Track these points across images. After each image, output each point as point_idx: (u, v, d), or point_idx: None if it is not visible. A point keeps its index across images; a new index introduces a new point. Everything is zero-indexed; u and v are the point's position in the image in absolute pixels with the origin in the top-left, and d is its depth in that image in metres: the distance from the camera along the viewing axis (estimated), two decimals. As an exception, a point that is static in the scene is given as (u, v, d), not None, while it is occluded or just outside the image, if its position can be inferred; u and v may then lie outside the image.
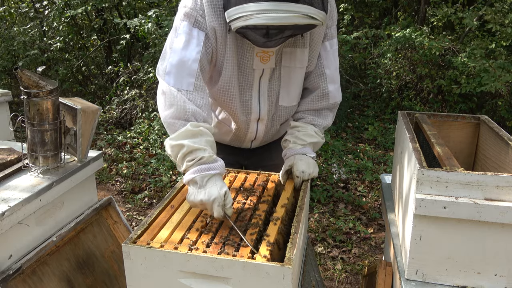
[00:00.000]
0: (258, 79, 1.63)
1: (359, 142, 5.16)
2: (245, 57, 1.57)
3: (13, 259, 1.45)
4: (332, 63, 1.69)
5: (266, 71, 1.62)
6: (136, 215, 3.71)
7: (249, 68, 1.59)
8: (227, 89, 1.62)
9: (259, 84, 1.64)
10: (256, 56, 1.57)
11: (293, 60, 1.61)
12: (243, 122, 1.71)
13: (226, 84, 1.60)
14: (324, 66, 1.67)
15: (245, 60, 1.57)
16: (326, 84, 1.68)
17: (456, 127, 1.84)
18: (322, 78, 1.68)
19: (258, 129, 1.75)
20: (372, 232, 3.40)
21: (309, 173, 1.58)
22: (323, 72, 1.68)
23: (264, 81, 1.64)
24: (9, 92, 2.85)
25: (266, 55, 1.57)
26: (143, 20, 4.99)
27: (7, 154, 1.69)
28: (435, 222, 1.21)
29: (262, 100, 1.67)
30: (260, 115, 1.69)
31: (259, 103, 1.67)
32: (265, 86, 1.65)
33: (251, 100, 1.66)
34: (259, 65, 1.59)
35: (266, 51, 1.56)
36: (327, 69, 1.68)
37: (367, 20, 5.92)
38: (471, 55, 4.70)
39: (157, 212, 1.35)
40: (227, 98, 1.64)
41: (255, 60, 1.57)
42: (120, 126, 5.70)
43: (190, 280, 1.16)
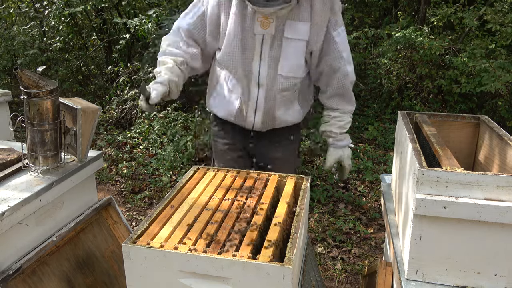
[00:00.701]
0: (260, 45, 1.81)
1: (359, 142, 5.15)
2: (247, 21, 1.78)
3: (13, 259, 1.45)
4: (346, 47, 1.92)
5: (267, 37, 1.80)
6: (136, 215, 3.71)
7: (250, 33, 1.80)
8: (230, 51, 1.84)
9: (261, 49, 1.82)
10: (257, 21, 1.77)
11: (295, 32, 1.79)
12: (246, 86, 1.89)
13: (228, 46, 1.83)
14: (341, 50, 1.88)
15: (247, 24, 1.79)
16: (345, 65, 1.91)
17: (456, 127, 1.84)
18: (342, 61, 1.90)
19: (258, 96, 1.90)
20: (372, 232, 3.40)
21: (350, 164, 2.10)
22: (342, 56, 1.89)
23: (266, 48, 1.81)
24: (9, 92, 2.86)
25: (266, 21, 1.76)
26: (143, 20, 4.99)
27: (7, 154, 1.69)
28: (435, 222, 1.21)
29: (263, 65, 1.84)
30: (259, 79, 1.86)
31: (259, 67, 1.85)
32: (266, 53, 1.82)
33: (252, 63, 1.85)
34: (259, 30, 1.79)
35: (266, 17, 1.75)
36: (344, 53, 1.90)
37: (367, 20, 5.92)
38: (471, 55, 4.70)
39: (157, 212, 1.35)
40: (230, 60, 1.85)
41: (256, 25, 1.78)
42: (120, 126, 5.70)
43: (190, 280, 1.16)
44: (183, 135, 4.70)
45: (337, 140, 2.04)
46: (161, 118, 5.14)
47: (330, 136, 2.04)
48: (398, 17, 6.32)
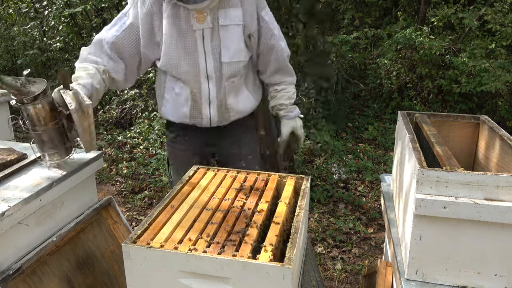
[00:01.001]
0: (202, 40, 1.86)
1: (359, 142, 5.15)
2: (182, 21, 1.83)
3: (13, 259, 1.45)
4: (275, 25, 2.02)
5: (206, 31, 1.86)
6: (136, 215, 3.71)
7: (189, 31, 1.84)
8: (172, 53, 1.86)
9: (203, 44, 1.87)
10: (192, 18, 1.82)
11: (228, 18, 1.87)
12: (196, 82, 1.92)
13: (170, 48, 1.86)
14: (271, 28, 1.99)
15: (184, 24, 1.83)
16: (278, 41, 2.02)
17: (456, 127, 1.84)
18: (274, 38, 2.00)
19: (210, 89, 1.94)
20: (372, 232, 3.40)
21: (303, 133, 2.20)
22: (273, 33, 2.00)
23: (207, 41, 1.87)
24: (9, 92, 2.85)
25: (202, 15, 1.82)
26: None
27: (7, 154, 1.69)
28: (435, 222, 1.21)
29: (208, 59, 1.89)
30: (207, 71, 1.90)
31: (205, 62, 1.89)
32: (208, 46, 1.88)
33: (198, 59, 1.88)
34: (197, 26, 1.84)
35: (201, 12, 1.81)
36: (275, 30, 2.00)
37: (367, 20, 5.92)
38: (471, 55, 4.70)
39: (157, 212, 1.35)
40: (174, 60, 1.87)
41: (193, 21, 1.83)
42: (120, 126, 5.70)
43: (190, 280, 1.16)
44: (183, 135, 4.69)
45: (288, 111, 2.14)
46: (161, 118, 5.14)
47: (281, 108, 2.14)
48: (398, 17, 6.32)
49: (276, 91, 2.13)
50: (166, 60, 1.89)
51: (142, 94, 5.61)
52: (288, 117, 2.15)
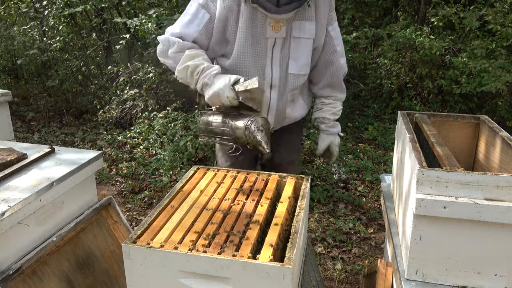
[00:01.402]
0: (271, 48, 1.84)
1: (359, 142, 5.15)
2: (258, 26, 1.79)
3: (13, 259, 1.45)
4: (340, 41, 2.00)
5: (278, 40, 1.82)
6: (136, 215, 3.71)
7: (262, 37, 1.81)
8: (241, 57, 1.84)
9: (272, 52, 1.85)
10: (268, 26, 1.79)
11: (302, 31, 1.83)
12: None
13: (240, 52, 1.83)
14: (335, 44, 1.96)
15: (259, 30, 1.79)
16: (338, 59, 2.00)
17: (456, 127, 1.84)
18: (335, 54, 1.98)
19: (271, 97, 1.92)
20: (372, 232, 3.40)
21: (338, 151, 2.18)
22: (336, 50, 1.98)
23: (277, 50, 1.85)
24: (9, 92, 2.86)
25: (278, 24, 1.79)
26: (143, 20, 4.99)
27: (7, 154, 1.69)
28: (435, 222, 1.21)
29: (274, 68, 1.87)
30: (272, 80, 1.89)
31: (271, 70, 1.88)
32: (277, 55, 1.85)
33: (265, 67, 1.87)
34: (271, 34, 1.81)
35: (278, 21, 1.78)
36: (338, 47, 1.98)
37: (367, 20, 5.91)
38: (471, 55, 4.70)
39: (157, 212, 1.35)
40: (242, 65, 1.85)
41: (268, 29, 1.79)
42: (120, 126, 5.70)
43: (190, 280, 1.16)
44: (183, 135, 4.69)
45: (330, 126, 2.12)
46: (161, 118, 5.14)
47: (323, 122, 2.12)
48: (398, 17, 6.32)
49: (323, 103, 2.11)
50: (235, 62, 1.86)
51: (142, 94, 5.60)
52: (328, 132, 2.13)
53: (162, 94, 5.64)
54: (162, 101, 5.62)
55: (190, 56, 1.78)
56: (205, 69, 1.74)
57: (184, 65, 1.77)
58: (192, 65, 1.76)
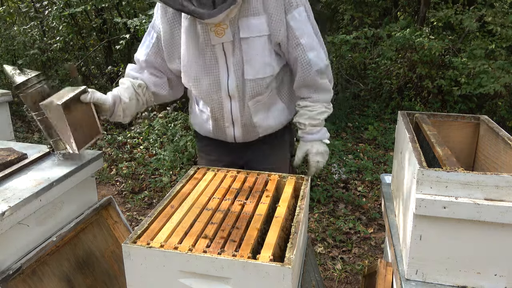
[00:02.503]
0: (223, 55, 1.67)
1: (359, 142, 5.15)
2: (200, 35, 1.65)
3: (13, 259, 1.45)
4: (305, 31, 1.69)
5: (227, 45, 1.65)
6: (136, 215, 3.71)
7: (208, 46, 1.66)
8: (191, 69, 1.72)
9: (225, 60, 1.68)
10: (210, 32, 1.63)
11: (249, 29, 1.62)
12: (216, 102, 1.76)
13: (190, 64, 1.71)
14: (297, 36, 1.68)
15: (202, 38, 1.65)
16: (304, 53, 1.70)
17: (456, 127, 1.84)
18: (299, 49, 1.70)
19: (232, 108, 1.77)
20: (372, 232, 3.40)
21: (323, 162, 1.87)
22: (299, 43, 1.69)
23: (229, 56, 1.67)
24: (9, 92, 2.85)
25: (220, 28, 1.61)
26: (143, 20, 4.99)
27: (7, 154, 1.69)
28: (435, 222, 1.21)
29: (230, 75, 1.70)
30: (229, 90, 1.72)
31: (227, 78, 1.70)
32: (230, 61, 1.68)
33: (219, 76, 1.71)
34: (216, 40, 1.64)
35: (219, 24, 1.60)
36: (301, 39, 1.68)
37: (367, 20, 5.92)
38: (471, 55, 4.70)
39: (157, 212, 1.35)
40: (193, 77, 1.73)
41: (211, 35, 1.63)
42: (120, 126, 5.70)
43: (190, 280, 1.16)
44: (183, 135, 4.70)
45: (306, 132, 1.85)
46: (161, 118, 5.14)
47: (299, 127, 1.86)
48: (398, 17, 6.32)
49: (299, 106, 1.85)
50: (185, 77, 1.76)
51: (142, 94, 5.60)
52: (304, 139, 1.87)
53: (162, 94, 5.63)
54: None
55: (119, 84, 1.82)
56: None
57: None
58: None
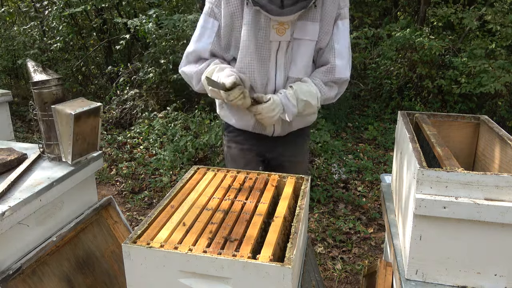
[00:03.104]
0: (275, 52, 1.74)
1: (359, 142, 5.15)
2: (262, 30, 1.69)
3: (13, 259, 1.45)
4: (341, 39, 1.78)
5: (283, 44, 1.72)
6: (136, 215, 3.72)
7: (266, 41, 1.71)
8: (248, 64, 1.75)
9: (276, 57, 1.75)
10: (272, 29, 1.68)
11: (303, 32, 1.71)
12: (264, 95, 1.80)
13: (245, 56, 1.74)
14: (333, 41, 1.78)
15: (262, 33, 1.69)
16: (334, 58, 1.78)
17: (456, 127, 1.84)
18: (331, 52, 1.79)
19: None
20: (372, 232, 3.40)
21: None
22: (333, 47, 1.78)
23: (281, 54, 1.75)
24: (9, 92, 2.85)
25: (282, 27, 1.68)
26: (144, 20, 4.99)
27: (7, 154, 1.69)
28: (435, 222, 1.21)
29: (278, 72, 1.78)
30: (276, 85, 1.79)
31: (275, 74, 1.78)
32: (281, 59, 1.76)
33: (269, 72, 1.77)
34: (275, 37, 1.70)
35: (282, 23, 1.67)
36: (336, 44, 1.78)
37: (367, 20, 5.92)
38: (471, 55, 4.70)
39: (157, 212, 1.35)
40: (248, 70, 1.76)
41: (272, 32, 1.69)
42: (120, 126, 5.71)
43: (190, 280, 1.16)
44: (183, 135, 4.70)
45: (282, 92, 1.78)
46: (161, 118, 5.14)
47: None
48: (398, 17, 6.32)
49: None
50: (240, 67, 1.78)
51: (142, 94, 5.61)
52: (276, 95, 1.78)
53: (162, 94, 5.64)
54: (162, 101, 5.62)
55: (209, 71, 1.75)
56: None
57: (209, 90, 1.75)
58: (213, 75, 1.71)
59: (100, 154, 1.82)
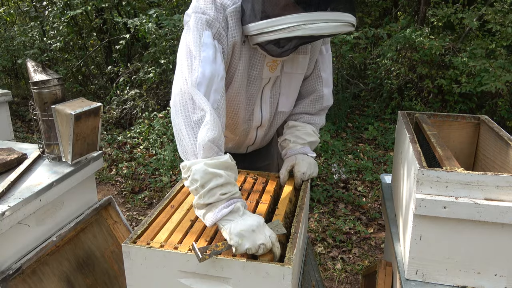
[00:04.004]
0: (261, 88, 1.63)
1: (359, 142, 5.16)
2: (255, 67, 1.56)
3: (13, 259, 1.45)
4: (327, 67, 1.72)
5: (272, 79, 1.62)
6: (136, 215, 3.72)
7: (258, 78, 1.58)
8: (235, 100, 1.60)
9: (261, 92, 1.64)
10: (266, 66, 1.56)
11: (295, 66, 1.62)
12: (244, 131, 1.72)
13: (235, 95, 1.58)
14: (320, 69, 1.71)
15: (255, 71, 1.56)
16: (322, 87, 1.72)
17: (456, 127, 1.84)
18: (319, 81, 1.72)
19: (257, 135, 1.76)
20: (372, 232, 3.40)
21: (309, 174, 1.60)
22: (320, 76, 1.71)
23: (267, 89, 1.64)
24: (9, 92, 2.85)
25: (275, 64, 1.57)
26: (144, 20, 4.99)
27: (7, 154, 1.69)
28: (435, 222, 1.21)
29: (264, 108, 1.67)
30: (262, 121, 1.69)
31: (261, 111, 1.67)
32: (267, 94, 1.65)
33: (254, 109, 1.66)
34: (267, 74, 1.59)
35: (275, 60, 1.56)
36: (323, 73, 1.71)
37: (367, 20, 5.92)
38: (471, 55, 4.70)
39: (157, 212, 1.35)
40: (233, 109, 1.62)
41: (265, 69, 1.57)
42: (120, 126, 5.71)
43: (190, 280, 1.16)
44: (183, 135, 4.69)
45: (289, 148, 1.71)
46: (161, 118, 5.14)
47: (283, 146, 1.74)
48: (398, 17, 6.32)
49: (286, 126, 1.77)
50: (228, 101, 1.60)
51: (142, 94, 5.61)
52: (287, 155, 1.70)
53: (162, 94, 5.64)
54: (162, 101, 5.62)
55: (228, 165, 1.26)
56: (236, 197, 1.23)
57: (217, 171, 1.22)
58: (226, 179, 1.22)
59: (100, 154, 1.82)
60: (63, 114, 1.58)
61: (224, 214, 1.18)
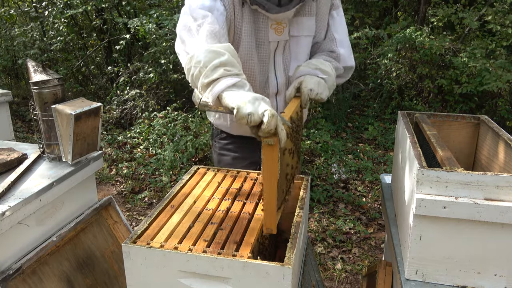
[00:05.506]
0: (273, 53, 1.67)
1: (359, 142, 5.15)
2: (260, 30, 1.61)
3: (13, 259, 1.45)
4: (339, 29, 1.75)
5: (281, 43, 1.66)
6: (136, 215, 3.71)
7: (265, 41, 1.63)
8: (249, 64, 1.63)
9: (274, 57, 1.68)
10: (270, 28, 1.61)
11: (300, 28, 1.66)
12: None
13: (246, 56, 1.62)
14: (332, 31, 1.74)
15: (261, 33, 1.61)
16: (337, 47, 1.74)
17: (456, 127, 1.84)
18: (333, 43, 1.74)
19: (278, 104, 1.76)
20: (372, 232, 3.40)
21: (317, 93, 1.54)
22: (333, 37, 1.74)
23: (279, 54, 1.68)
24: (9, 92, 2.86)
25: (280, 26, 1.61)
26: (144, 20, 4.99)
27: (7, 154, 1.69)
28: (435, 222, 1.21)
29: (279, 74, 1.71)
30: (278, 86, 1.72)
31: (275, 77, 1.71)
32: (279, 59, 1.69)
33: (269, 74, 1.69)
34: (274, 37, 1.63)
35: (280, 22, 1.60)
36: (335, 34, 1.74)
37: (367, 20, 5.91)
38: (471, 55, 4.70)
39: (157, 212, 1.35)
40: (248, 72, 1.63)
41: (270, 32, 1.62)
42: (120, 126, 5.70)
43: (190, 280, 1.16)
44: (183, 135, 4.70)
45: (299, 71, 1.65)
46: (161, 118, 5.15)
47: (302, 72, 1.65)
48: (398, 17, 6.32)
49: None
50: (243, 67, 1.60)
51: (142, 94, 5.61)
52: (296, 75, 1.65)
53: (162, 94, 5.64)
54: (162, 101, 5.62)
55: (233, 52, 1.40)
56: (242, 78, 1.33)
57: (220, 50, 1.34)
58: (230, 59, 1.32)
59: (100, 154, 1.82)
60: (63, 114, 1.58)
61: (229, 84, 1.19)
